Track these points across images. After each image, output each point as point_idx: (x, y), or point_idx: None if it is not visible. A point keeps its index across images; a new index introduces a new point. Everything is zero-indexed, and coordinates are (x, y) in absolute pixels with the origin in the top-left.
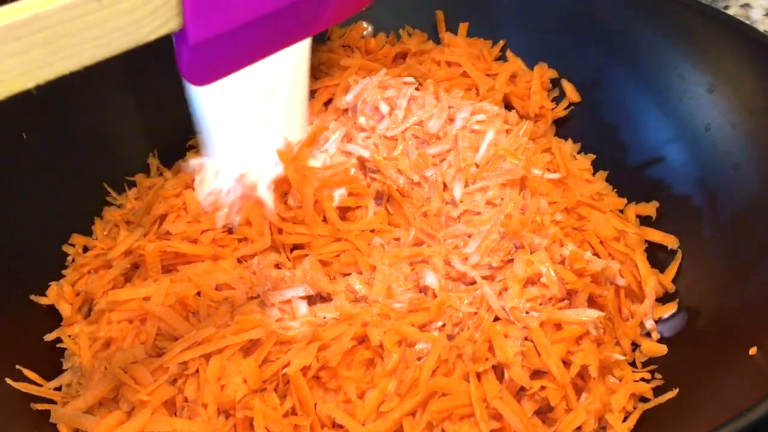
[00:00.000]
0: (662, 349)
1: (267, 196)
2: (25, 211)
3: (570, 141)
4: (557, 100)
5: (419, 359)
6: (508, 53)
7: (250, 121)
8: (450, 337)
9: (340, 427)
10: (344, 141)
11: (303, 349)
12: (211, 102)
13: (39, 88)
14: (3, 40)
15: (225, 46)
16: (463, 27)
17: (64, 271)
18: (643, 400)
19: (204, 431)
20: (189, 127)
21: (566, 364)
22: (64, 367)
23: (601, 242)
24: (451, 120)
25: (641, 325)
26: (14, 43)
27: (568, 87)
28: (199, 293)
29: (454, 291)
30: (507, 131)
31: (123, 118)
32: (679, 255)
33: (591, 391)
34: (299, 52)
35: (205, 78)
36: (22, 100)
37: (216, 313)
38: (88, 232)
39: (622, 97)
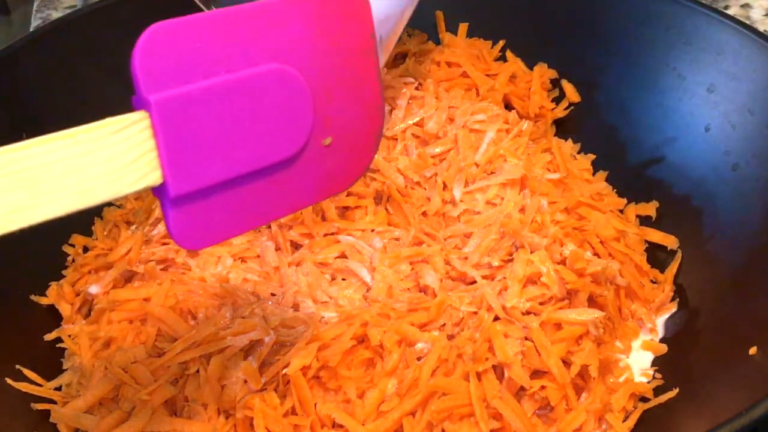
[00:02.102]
0: (662, 349)
1: None
2: None
3: (570, 141)
4: (557, 100)
5: (419, 359)
6: (508, 53)
7: None
8: (450, 337)
9: (340, 426)
10: None
11: (303, 349)
12: None
13: (39, 90)
14: None
15: (214, 206)
16: (463, 27)
17: (64, 271)
18: (643, 400)
19: (204, 431)
20: None
21: (566, 363)
22: (64, 367)
23: (601, 242)
24: (451, 120)
25: (641, 324)
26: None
27: (568, 87)
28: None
29: (454, 291)
30: (507, 131)
31: None
32: (679, 255)
33: (591, 391)
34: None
35: (196, 241)
36: (22, 99)
37: (217, 315)
38: (88, 232)
39: (622, 97)
